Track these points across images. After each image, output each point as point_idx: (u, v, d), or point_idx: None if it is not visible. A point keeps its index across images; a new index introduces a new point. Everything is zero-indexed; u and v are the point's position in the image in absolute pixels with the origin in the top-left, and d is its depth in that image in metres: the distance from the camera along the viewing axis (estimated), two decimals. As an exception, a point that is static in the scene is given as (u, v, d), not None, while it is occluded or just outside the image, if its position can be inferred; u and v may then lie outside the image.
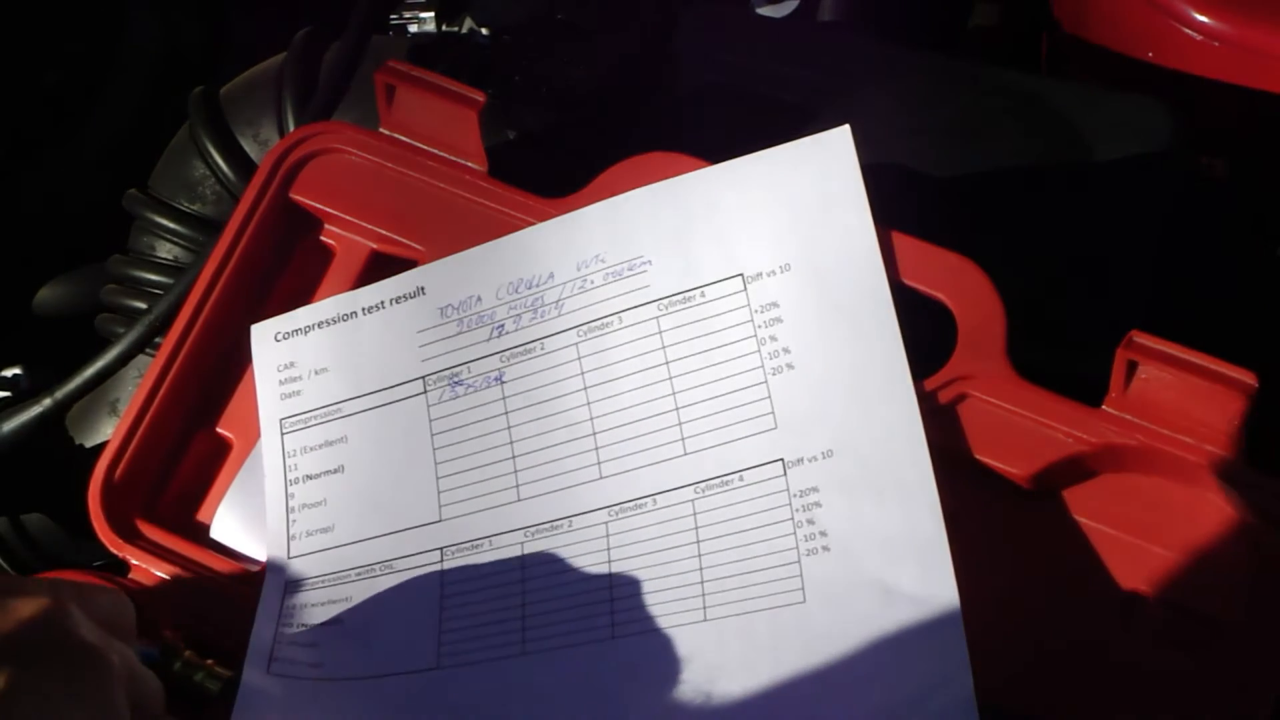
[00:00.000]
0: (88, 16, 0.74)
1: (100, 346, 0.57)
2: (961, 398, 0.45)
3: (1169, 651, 0.43)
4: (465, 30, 0.62)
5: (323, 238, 0.54)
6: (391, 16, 0.64)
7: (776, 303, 0.46)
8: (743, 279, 0.47)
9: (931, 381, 0.45)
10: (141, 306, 0.60)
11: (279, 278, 0.53)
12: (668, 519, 0.46)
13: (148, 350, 0.57)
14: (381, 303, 0.51)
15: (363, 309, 0.51)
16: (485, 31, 0.61)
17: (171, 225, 0.62)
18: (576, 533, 0.47)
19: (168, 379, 0.51)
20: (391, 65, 0.52)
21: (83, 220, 0.72)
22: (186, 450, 0.52)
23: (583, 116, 0.58)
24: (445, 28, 0.63)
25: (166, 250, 0.63)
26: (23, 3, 0.71)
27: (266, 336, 0.52)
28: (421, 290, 0.50)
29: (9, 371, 0.65)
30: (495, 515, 0.48)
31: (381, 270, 0.52)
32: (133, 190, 0.64)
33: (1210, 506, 0.44)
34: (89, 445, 0.63)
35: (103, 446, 0.50)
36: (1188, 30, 0.60)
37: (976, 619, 0.41)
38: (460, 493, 0.48)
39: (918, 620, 0.42)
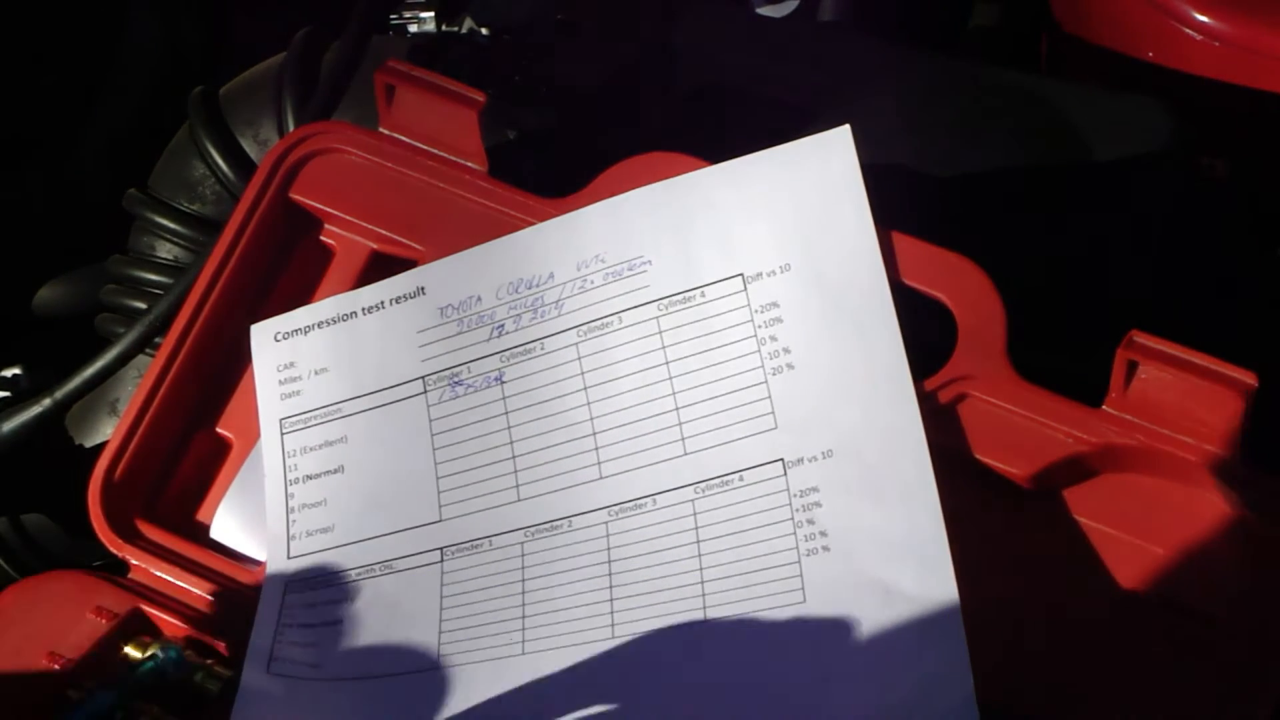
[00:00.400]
0: (88, 16, 0.74)
1: (100, 346, 0.57)
2: (961, 398, 0.45)
3: (1169, 651, 0.43)
4: (465, 30, 0.62)
5: (323, 238, 0.54)
6: (391, 16, 0.64)
7: (777, 303, 0.46)
8: (743, 279, 0.47)
9: (931, 381, 0.45)
10: (141, 306, 0.60)
11: (279, 278, 0.53)
12: (668, 519, 0.46)
13: (148, 350, 0.57)
14: (381, 303, 0.51)
15: (363, 309, 0.51)
16: (485, 31, 0.61)
17: (171, 225, 0.62)
18: (576, 533, 0.47)
19: (168, 379, 0.51)
20: (391, 65, 0.52)
21: (83, 220, 0.72)
22: (186, 450, 0.52)
23: (583, 116, 0.58)
24: (445, 28, 0.63)
25: (166, 250, 0.63)
26: (23, 3, 0.71)
27: (266, 336, 0.52)
28: (421, 290, 0.50)
29: (9, 371, 0.65)
30: (495, 515, 0.48)
31: (381, 270, 0.52)
32: (133, 190, 0.64)
33: (1210, 506, 0.44)
34: (89, 445, 0.63)
35: (103, 446, 0.50)
36: (1188, 30, 0.60)
37: (976, 619, 0.41)
38: (460, 493, 0.48)
39: (918, 620, 0.42)
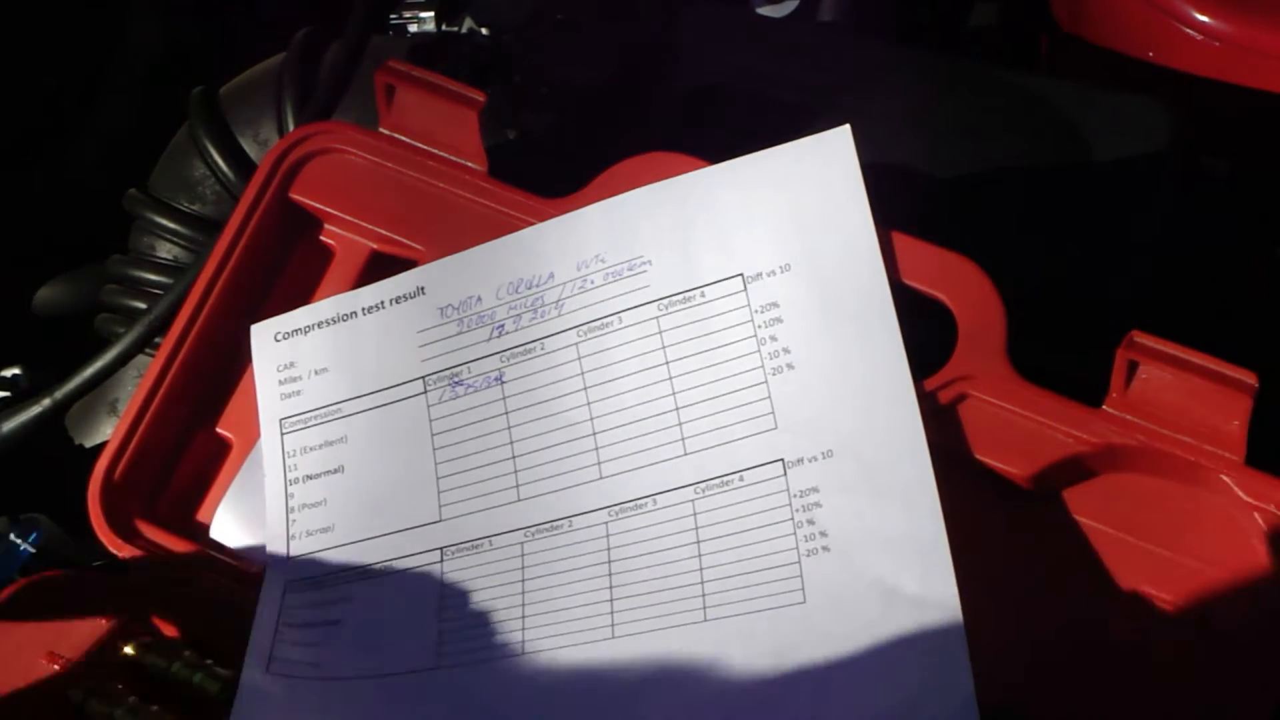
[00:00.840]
0: (88, 16, 0.74)
1: (100, 346, 0.57)
2: (961, 398, 0.45)
3: (1169, 652, 0.43)
4: (465, 30, 0.62)
5: (322, 238, 0.54)
6: (391, 16, 0.64)
7: (776, 303, 0.46)
8: (743, 279, 0.47)
9: (931, 381, 0.45)
10: (141, 306, 0.60)
11: (279, 278, 0.53)
12: (668, 519, 0.46)
13: (148, 350, 0.57)
14: (381, 303, 0.51)
15: (363, 309, 0.51)
16: (485, 31, 0.61)
17: (171, 225, 0.62)
18: (576, 533, 0.47)
19: (168, 379, 0.51)
20: (391, 65, 0.52)
21: (83, 220, 0.72)
22: (186, 450, 0.52)
23: (583, 116, 0.58)
24: (445, 28, 0.63)
25: (166, 250, 0.63)
26: (22, 3, 0.71)
27: (266, 336, 0.52)
28: (421, 290, 0.50)
29: (9, 371, 0.65)
30: (495, 515, 0.48)
31: (381, 270, 0.52)
32: (133, 190, 0.64)
33: (1210, 506, 0.44)
34: (89, 445, 0.63)
35: (103, 446, 0.50)
36: (1188, 30, 0.60)
37: (977, 619, 0.41)
38: (460, 493, 0.48)
39: (918, 620, 0.42)
